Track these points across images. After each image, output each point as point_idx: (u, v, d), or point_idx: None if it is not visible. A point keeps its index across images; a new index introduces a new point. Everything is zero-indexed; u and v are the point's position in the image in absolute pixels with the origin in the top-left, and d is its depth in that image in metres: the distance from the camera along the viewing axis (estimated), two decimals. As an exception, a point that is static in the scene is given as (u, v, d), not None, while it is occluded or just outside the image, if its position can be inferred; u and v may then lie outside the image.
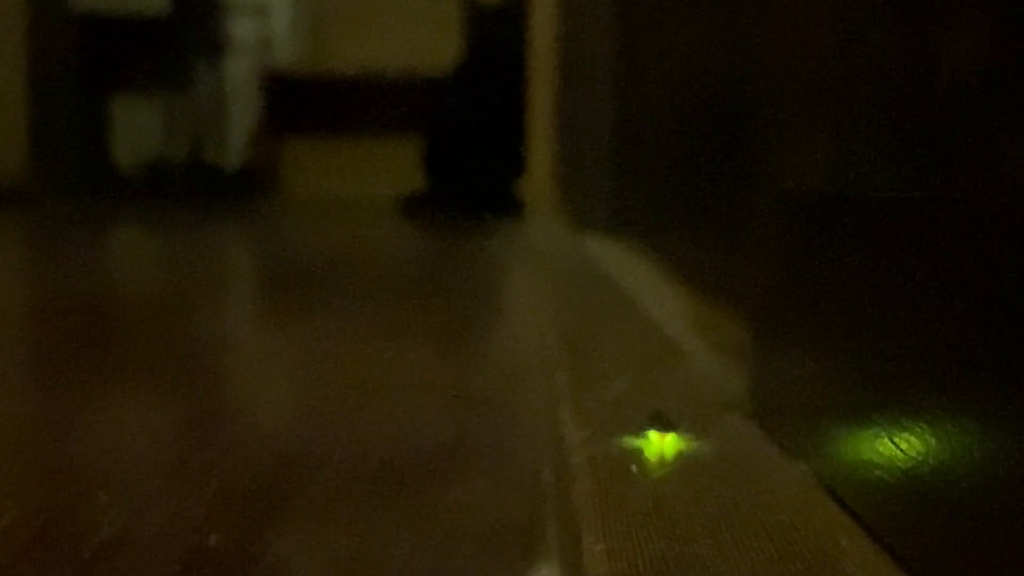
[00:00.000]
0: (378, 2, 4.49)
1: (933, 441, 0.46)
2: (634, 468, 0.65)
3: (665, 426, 0.72)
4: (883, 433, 0.52)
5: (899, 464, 0.50)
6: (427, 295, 1.64)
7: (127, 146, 4.40)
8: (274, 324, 1.34)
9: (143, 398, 0.91)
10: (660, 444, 0.70)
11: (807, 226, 0.69)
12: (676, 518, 0.54)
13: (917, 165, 0.62)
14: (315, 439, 0.79)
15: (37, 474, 0.72)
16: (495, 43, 3.69)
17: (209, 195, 4.29)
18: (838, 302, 0.61)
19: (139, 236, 2.98)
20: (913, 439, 0.48)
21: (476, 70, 3.74)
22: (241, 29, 4.45)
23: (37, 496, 0.67)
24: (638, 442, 0.70)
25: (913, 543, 0.48)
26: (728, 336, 0.96)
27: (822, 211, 0.67)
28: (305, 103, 4.55)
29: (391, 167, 4.11)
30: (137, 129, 4.38)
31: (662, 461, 0.68)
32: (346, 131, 4.51)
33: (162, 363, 1.05)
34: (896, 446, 0.50)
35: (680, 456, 0.68)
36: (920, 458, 0.48)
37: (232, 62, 4.43)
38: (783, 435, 0.68)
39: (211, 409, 0.89)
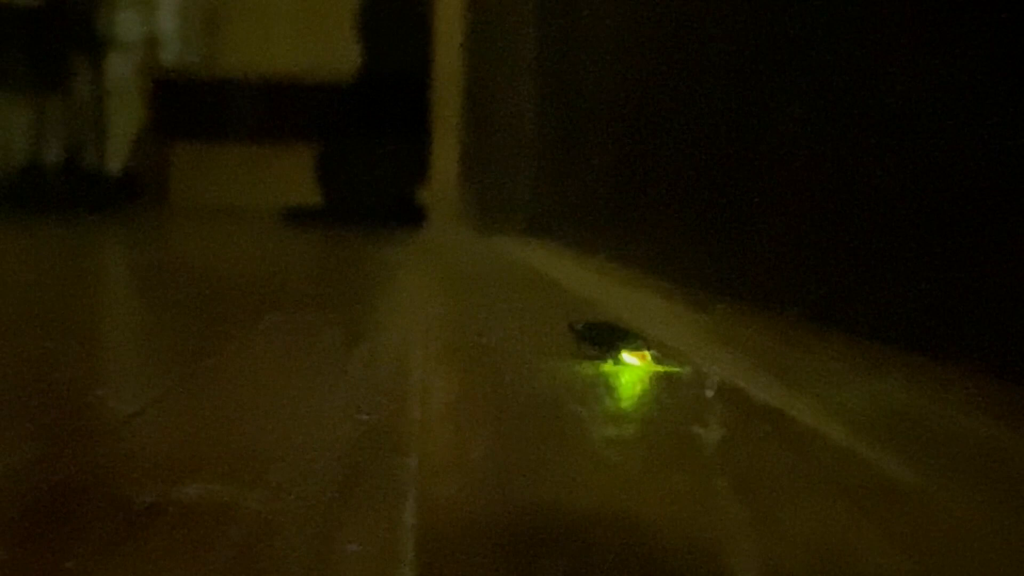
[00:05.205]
0: (274, 2, 4.34)
1: None
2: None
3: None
4: None
5: None
6: (321, 305, 1.50)
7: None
8: (158, 341, 1.19)
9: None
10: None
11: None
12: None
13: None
14: (189, 459, 0.62)
15: None
16: (397, 46, 3.58)
17: (86, 204, 4.05)
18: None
19: (8, 247, 2.76)
20: None
21: (377, 73, 3.63)
22: (125, 25, 4.25)
23: None
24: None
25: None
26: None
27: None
28: (194, 107, 4.37)
29: (284, 175, 3.98)
30: (8, 130, 4.12)
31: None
32: (237, 137, 4.35)
33: (35, 387, 0.87)
34: None
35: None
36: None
37: (115, 60, 4.23)
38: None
39: (87, 428, 0.71)
